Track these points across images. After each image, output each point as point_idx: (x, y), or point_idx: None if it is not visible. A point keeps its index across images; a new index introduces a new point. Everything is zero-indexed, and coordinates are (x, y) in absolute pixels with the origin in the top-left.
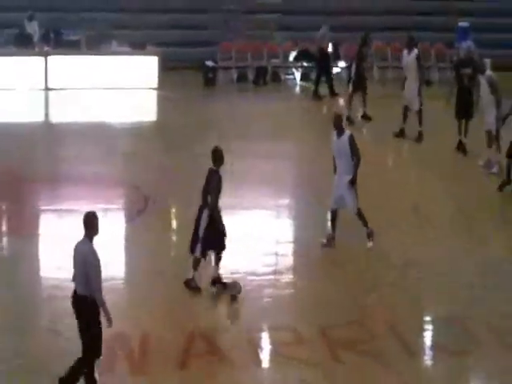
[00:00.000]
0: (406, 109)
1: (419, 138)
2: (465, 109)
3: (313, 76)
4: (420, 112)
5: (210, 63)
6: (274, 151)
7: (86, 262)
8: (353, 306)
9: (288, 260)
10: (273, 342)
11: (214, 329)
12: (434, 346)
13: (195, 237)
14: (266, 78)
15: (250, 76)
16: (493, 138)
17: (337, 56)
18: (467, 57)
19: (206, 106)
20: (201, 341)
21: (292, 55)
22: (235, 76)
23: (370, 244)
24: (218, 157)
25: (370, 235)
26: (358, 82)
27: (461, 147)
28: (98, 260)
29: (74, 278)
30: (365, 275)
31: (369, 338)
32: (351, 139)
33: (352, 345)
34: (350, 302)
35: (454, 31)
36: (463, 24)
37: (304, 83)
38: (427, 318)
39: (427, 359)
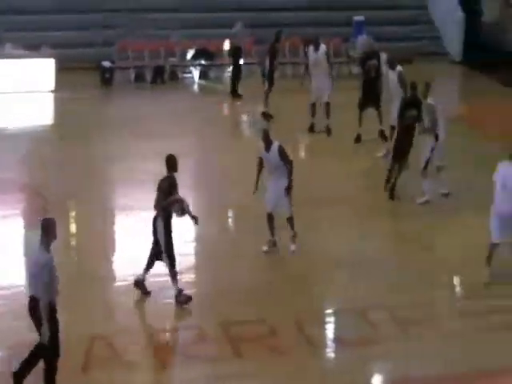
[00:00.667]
0: (314, 105)
1: (328, 131)
2: (373, 99)
3: (211, 74)
4: (328, 105)
5: (106, 63)
6: (171, 150)
7: (35, 263)
8: (256, 302)
9: (190, 259)
10: (176, 342)
11: (116, 331)
12: (336, 339)
13: (157, 249)
14: (164, 77)
15: (148, 75)
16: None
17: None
18: (372, 49)
19: (102, 106)
20: (103, 344)
21: (190, 54)
22: (133, 76)
23: (293, 247)
24: (171, 164)
25: (293, 238)
26: (271, 78)
27: (357, 139)
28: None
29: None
30: (267, 271)
31: (271, 333)
32: (280, 150)
33: (255, 340)
34: (254, 298)
35: (350, 25)
36: (359, 18)
37: (202, 81)
38: (329, 311)
39: (330, 352)
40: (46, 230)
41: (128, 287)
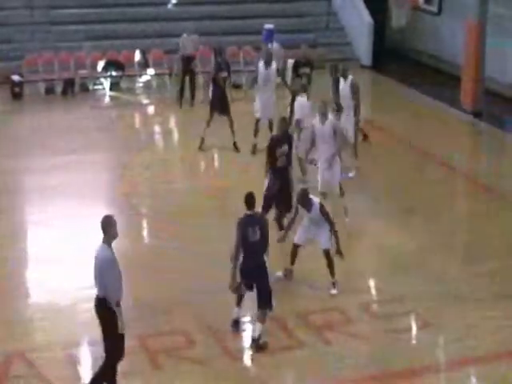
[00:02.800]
0: (258, 123)
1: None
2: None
3: (122, 85)
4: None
5: (16, 77)
6: (82, 163)
7: (101, 264)
8: (172, 313)
9: None
10: (91, 356)
11: (32, 347)
12: (253, 347)
13: None
14: (75, 89)
15: (58, 88)
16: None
17: (146, 63)
18: (304, 57)
19: (12, 120)
20: (19, 361)
21: (100, 65)
22: (43, 89)
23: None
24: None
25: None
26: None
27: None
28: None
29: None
30: (180, 283)
31: (189, 344)
32: (323, 210)
33: (173, 352)
34: (169, 309)
35: (260, 33)
36: (268, 26)
37: (113, 93)
38: (245, 320)
39: (247, 360)
40: (108, 228)
41: (42, 305)
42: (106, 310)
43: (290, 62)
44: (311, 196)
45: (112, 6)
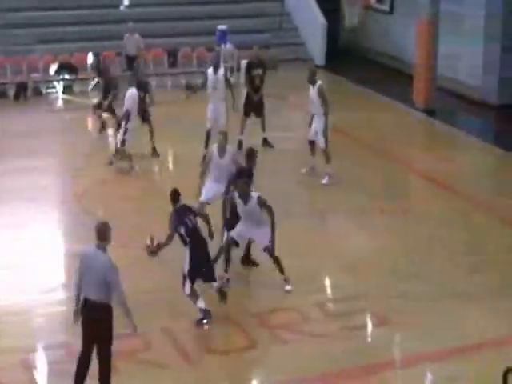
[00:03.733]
0: (209, 133)
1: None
2: (256, 108)
3: (75, 88)
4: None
5: None
6: (33, 167)
7: (107, 270)
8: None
9: (59, 275)
10: (47, 361)
11: None
12: (209, 348)
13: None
14: (27, 93)
15: (11, 92)
16: (317, 148)
17: (98, 66)
18: (257, 58)
19: None
20: None
21: (53, 68)
22: None
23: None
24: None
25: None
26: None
27: (239, 145)
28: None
29: (84, 289)
30: (145, 281)
31: (145, 346)
32: (260, 201)
33: (130, 354)
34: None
35: (214, 34)
36: (221, 27)
37: (66, 96)
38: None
39: (204, 362)
40: (104, 234)
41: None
42: (107, 314)
43: (244, 62)
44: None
45: (64, 8)
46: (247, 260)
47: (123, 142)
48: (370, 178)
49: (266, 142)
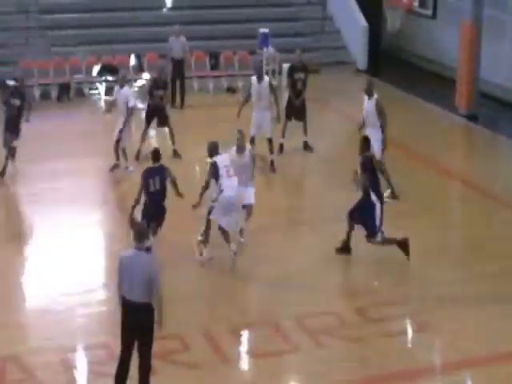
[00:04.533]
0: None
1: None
2: (297, 112)
3: None
4: (271, 141)
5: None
6: (80, 169)
7: (151, 270)
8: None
9: (99, 276)
10: (87, 361)
11: (28, 352)
12: (249, 351)
13: None
14: (70, 94)
15: (54, 93)
16: None
17: (141, 68)
18: (300, 62)
19: None
20: (15, 365)
21: (95, 70)
22: (38, 94)
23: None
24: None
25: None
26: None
27: (281, 148)
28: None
29: (125, 291)
30: (180, 286)
31: (184, 348)
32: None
33: (169, 355)
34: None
35: (256, 38)
36: (264, 30)
37: (109, 97)
38: (239, 324)
39: (243, 365)
40: (142, 234)
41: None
42: (149, 314)
43: (286, 66)
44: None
45: (107, 10)
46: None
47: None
48: (409, 181)
49: (307, 145)
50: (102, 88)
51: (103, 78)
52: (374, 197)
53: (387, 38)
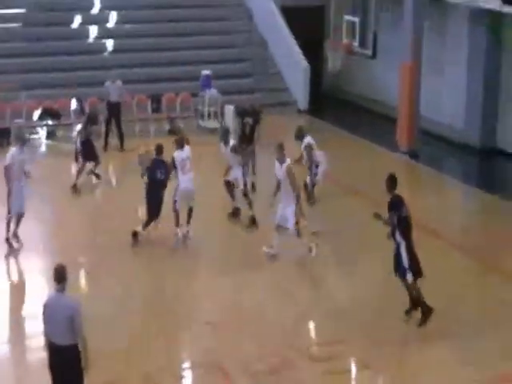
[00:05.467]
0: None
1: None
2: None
3: (58, 134)
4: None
5: None
6: None
7: (71, 312)
8: (110, 355)
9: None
10: None
11: None
12: None
13: None
14: (10, 138)
15: None
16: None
17: (82, 112)
18: (251, 106)
19: None
20: None
21: (36, 114)
22: None
23: None
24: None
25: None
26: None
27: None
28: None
29: (50, 333)
30: (115, 322)
31: None
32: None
33: None
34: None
35: (198, 80)
36: (206, 72)
37: (49, 142)
38: (183, 368)
39: None
40: (62, 276)
41: None
42: (78, 354)
43: (229, 107)
44: None
45: (48, 55)
46: None
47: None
48: (353, 226)
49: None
50: (42, 132)
51: (44, 122)
52: (398, 237)
53: (328, 79)
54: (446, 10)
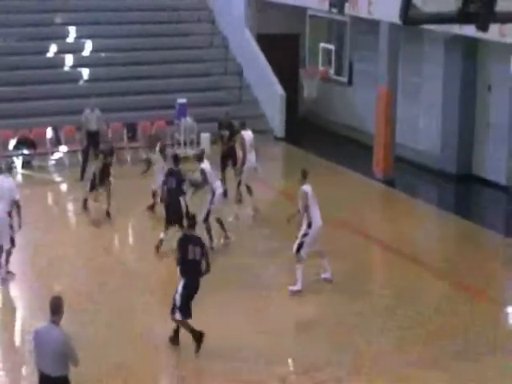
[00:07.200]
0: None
1: None
2: (227, 159)
3: (34, 163)
4: None
5: None
6: None
7: (64, 344)
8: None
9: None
10: None
11: None
12: None
13: None
14: None
15: None
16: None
17: (58, 141)
18: (226, 121)
19: None
20: None
21: (11, 143)
22: None
23: None
24: None
25: None
26: None
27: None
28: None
29: (40, 363)
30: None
31: None
32: None
33: None
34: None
35: (173, 108)
36: (181, 100)
37: (25, 171)
38: None
39: None
40: (58, 308)
41: None
42: None
43: (205, 136)
44: None
45: (22, 84)
46: None
47: None
48: (333, 250)
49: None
50: (18, 162)
51: (19, 151)
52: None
53: (304, 106)
54: (422, 36)
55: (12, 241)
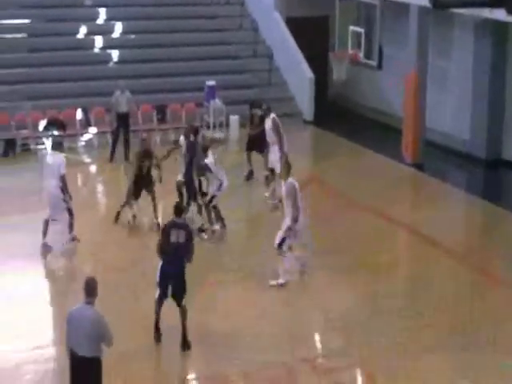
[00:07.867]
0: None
1: None
2: (255, 143)
3: (64, 145)
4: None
5: None
6: (26, 226)
7: (98, 325)
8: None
9: (49, 332)
10: None
11: None
12: None
13: None
14: (16, 149)
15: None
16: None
17: (87, 122)
18: (258, 99)
19: None
20: None
21: (41, 125)
22: None
23: None
24: None
25: None
26: None
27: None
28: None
29: (75, 344)
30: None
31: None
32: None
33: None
34: None
35: (203, 90)
36: (210, 83)
37: (56, 152)
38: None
39: None
40: (93, 290)
41: None
42: (96, 368)
43: (234, 118)
44: None
45: (52, 65)
46: None
47: None
48: (358, 235)
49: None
50: (48, 143)
51: (49, 133)
52: None
53: (334, 89)
54: (452, 20)
55: (70, 212)
